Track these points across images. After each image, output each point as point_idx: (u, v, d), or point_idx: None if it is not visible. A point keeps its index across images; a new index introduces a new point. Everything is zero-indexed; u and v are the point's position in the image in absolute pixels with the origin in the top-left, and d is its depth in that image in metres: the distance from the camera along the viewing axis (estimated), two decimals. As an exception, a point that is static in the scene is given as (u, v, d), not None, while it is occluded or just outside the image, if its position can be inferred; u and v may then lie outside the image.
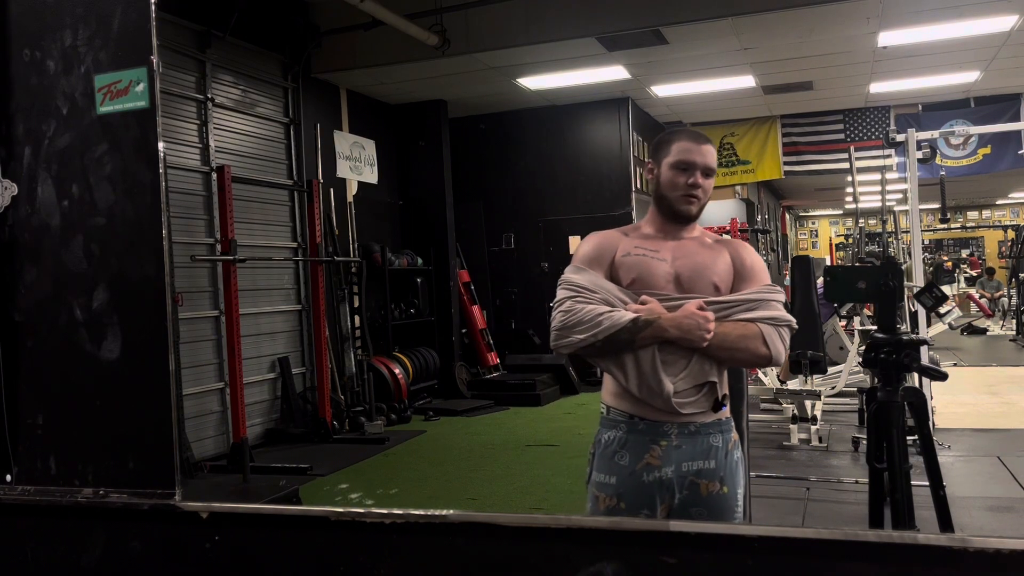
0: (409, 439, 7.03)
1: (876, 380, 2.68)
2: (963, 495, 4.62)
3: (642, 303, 2.05)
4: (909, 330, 5.48)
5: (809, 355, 5.89)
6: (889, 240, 8.23)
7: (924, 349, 3.70)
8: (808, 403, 6.03)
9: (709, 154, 2.16)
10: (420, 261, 8.99)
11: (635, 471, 2.07)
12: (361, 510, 1.14)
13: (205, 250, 6.44)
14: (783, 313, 2.10)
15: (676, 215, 2.16)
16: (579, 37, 7.09)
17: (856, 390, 6.81)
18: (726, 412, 2.14)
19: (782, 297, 2.13)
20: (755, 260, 2.19)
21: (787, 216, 21.71)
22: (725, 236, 2.29)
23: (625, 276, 2.12)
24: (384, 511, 1.12)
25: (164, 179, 1.40)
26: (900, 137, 6.08)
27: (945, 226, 16.81)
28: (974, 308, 14.44)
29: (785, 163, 10.96)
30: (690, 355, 2.04)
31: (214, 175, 6.32)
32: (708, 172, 2.15)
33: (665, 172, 2.15)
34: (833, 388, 6.65)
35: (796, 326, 2.13)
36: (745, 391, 3.05)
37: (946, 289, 6.30)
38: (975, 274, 17.60)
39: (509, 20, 7.11)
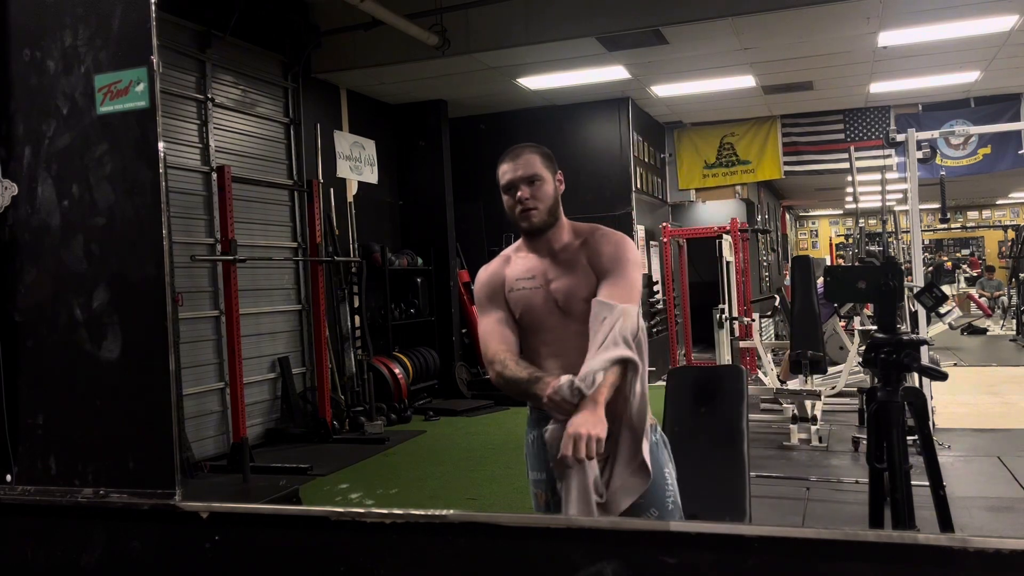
0: (409, 439, 7.03)
1: (876, 380, 2.68)
2: (963, 495, 4.62)
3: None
4: (909, 330, 5.48)
5: (809, 355, 5.88)
6: (889, 240, 8.22)
7: (924, 349, 3.69)
8: (808, 403, 6.03)
9: (525, 164, 2.14)
10: (420, 261, 8.99)
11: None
12: (361, 510, 1.14)
13: (205, 250, 6.44)
14: (630, 353, 1.99)
15: (527, 233, 2.19)
16: (579, 37, 7.09)
17: (856, 390, 6.81)
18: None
19: (631, 309, 2.04)
20: (611, 248, 2.14)
21: (787, 216, 21.69)
22: (587, 225, 2.23)
23: (515, 310, 2.19)
24: (384, 511, 1.12)
25: (164, 179, 1.40)
26: (900, 137, 6.07)
27: (945, 226, 16.80)
28: (974, 308, 14.43)
29: (785, 163, 10.95)
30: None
31: (214, 175, 6.32)
32: (531, 180, 2.13)
33: (503, 199, 2.19)
34: (833, 388, 6.64)
35: (637, 360, 2.03)
36: (745, 391, 3.06)
37: (946, 289, 6.30)
38: (975, 274, 17.59)
39: (509, 20, 7.11)
